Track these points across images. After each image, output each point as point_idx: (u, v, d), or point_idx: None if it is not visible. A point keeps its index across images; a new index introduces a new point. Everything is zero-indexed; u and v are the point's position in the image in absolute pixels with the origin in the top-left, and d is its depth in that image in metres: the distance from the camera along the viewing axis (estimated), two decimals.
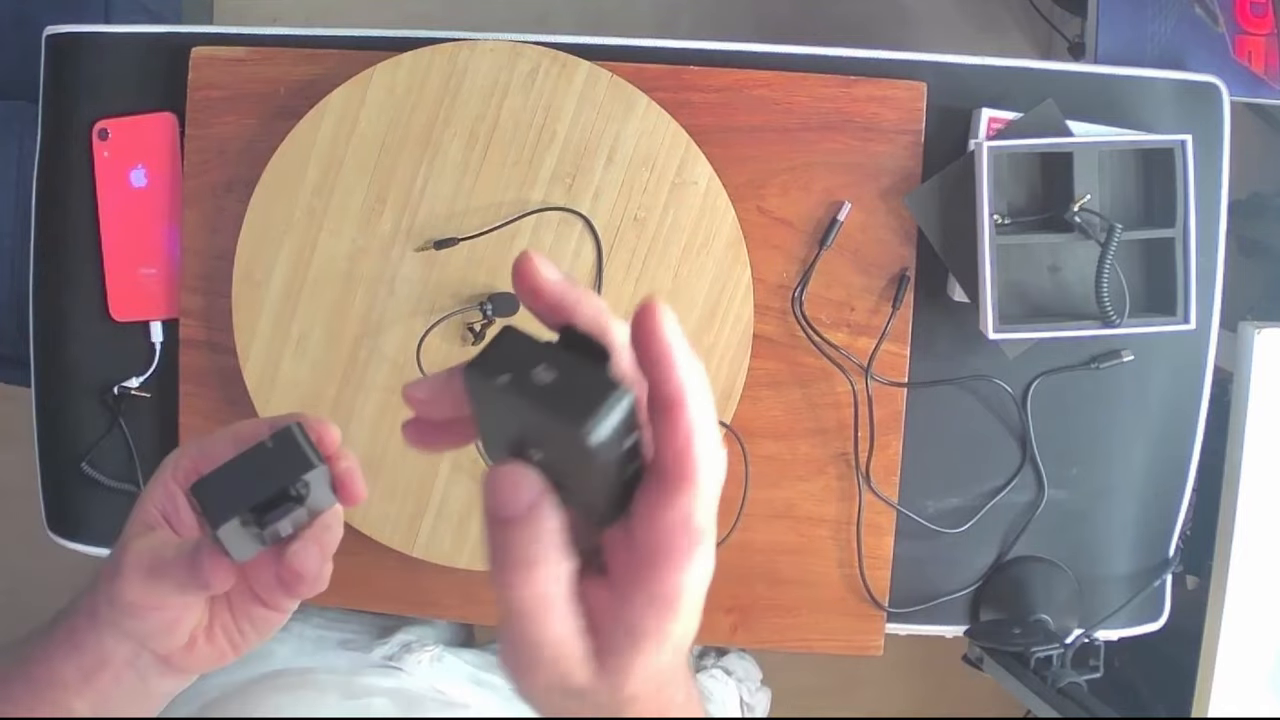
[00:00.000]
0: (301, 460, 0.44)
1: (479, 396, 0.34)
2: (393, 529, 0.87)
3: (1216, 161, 0.87)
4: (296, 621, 0.91)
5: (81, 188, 0.90)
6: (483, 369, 0.32)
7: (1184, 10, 0.98)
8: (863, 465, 0.88)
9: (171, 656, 0.48)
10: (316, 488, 0.45)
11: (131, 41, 0.90)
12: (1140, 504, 0.90)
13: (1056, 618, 0.89)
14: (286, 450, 0.44)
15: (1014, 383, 0.88)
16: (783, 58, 0.87)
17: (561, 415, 0.31)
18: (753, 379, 0.87)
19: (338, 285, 0.87)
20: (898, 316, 0.87)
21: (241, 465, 0.44)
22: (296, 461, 0.44)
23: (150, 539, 0.47)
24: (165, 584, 0.45)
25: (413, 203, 0.86)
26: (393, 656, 0.87)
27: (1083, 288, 0.82)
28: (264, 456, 0.44)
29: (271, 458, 0.44)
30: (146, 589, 0.45)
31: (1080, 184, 0.81)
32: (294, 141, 0.86)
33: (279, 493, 0.43)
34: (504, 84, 0.85)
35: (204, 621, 0.48)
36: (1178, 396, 0.89)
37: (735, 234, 0.86)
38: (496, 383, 0.32)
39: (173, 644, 0.47)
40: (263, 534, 0.44)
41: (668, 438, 0.32)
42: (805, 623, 0.90)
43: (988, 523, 0.90)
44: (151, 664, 0.48)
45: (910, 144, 0.86)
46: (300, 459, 0.44)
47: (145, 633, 0.47)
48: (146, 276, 0.90)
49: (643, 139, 0.85)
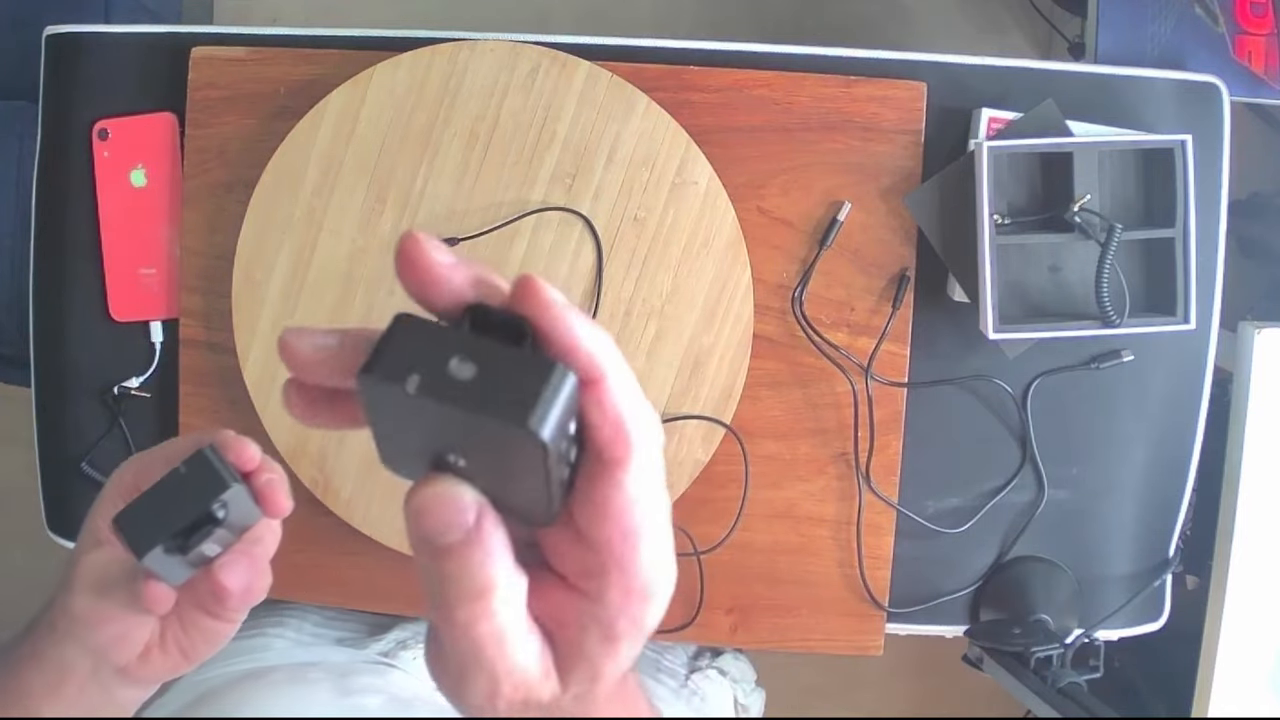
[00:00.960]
0: (216, 482, 0.44)
1: (380, 404, 0.28)
2: (392, 529, 0.87)
3: (1216, 161, 0.87)
4: (294, 618, 0.91)
5: (81, 188, 0.90)
6: (383, 372, 0.27)
7: (1184, 10, 0.98)
8: (863, 465, 0.88)
9: (128, 667, 0.49)
10: (237, 506, 0.45)
11: (131, 41, 0.90)
12: (1140, 504, 0.90)
13: (1056, 618, 0.89)
14: (201, 473, 0.44)
15: (1014, 383, 0.88)
16: (783, 58, 0.87)
17: (499, 415, 0.26)
18: (753, 379, 0.87)
19: (338, 285, 0.87)
20: (898, 316, 0.87)
21: (160, 493, 0.44)
22: (212, 484, 0.44)
23: (99, 555, 0.48)
24: (112, 602, 0.46)
25: (413, 203, 0.86)
26: (388, 653, 0.87)
27: (1083, 288, 0.82)
28: (180, 482, 0.44)
29: (187, 482, 0.44)
30: (95, 605, 0.47)
31: (1080, 184, 0.81)
32: (294, 141, 0.86)
33: (199, 517, 0.44)
34: (504, 84, 0.85)
35: (156, 633, 0.49)
36: (1178, 396, 0.89)
37: (735, 234, 0.86)
38: (405, 387, 0.26)
39: (127, 655, 0.48)
40: (188, 558, 0.45)
41: (597, 418, 0.29)
42: (805, 623, 0.90)
43: (988, 523, 0.90)
44: (112, 675, 0.49)
45: (910, 144, 0.86)
46: (215, 481, 0.44)
47: (99, 645, 0.48)
48: (146, 276, 0.90)
49: (643, 139, 0.85)
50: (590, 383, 0.28)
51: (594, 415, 0.29)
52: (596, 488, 0.30)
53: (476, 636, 0.30)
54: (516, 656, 0.31)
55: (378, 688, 0.79)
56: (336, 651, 0.87)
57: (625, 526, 0.30)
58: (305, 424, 0.32)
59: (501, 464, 0.28)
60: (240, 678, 0.78)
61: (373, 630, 0.92)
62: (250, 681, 0.78)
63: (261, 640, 0.88)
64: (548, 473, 0.28)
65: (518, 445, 0.27)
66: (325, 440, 0.87)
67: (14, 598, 1.52)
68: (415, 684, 0.82)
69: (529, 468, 0.28)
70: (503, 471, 0.29)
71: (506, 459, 0.28)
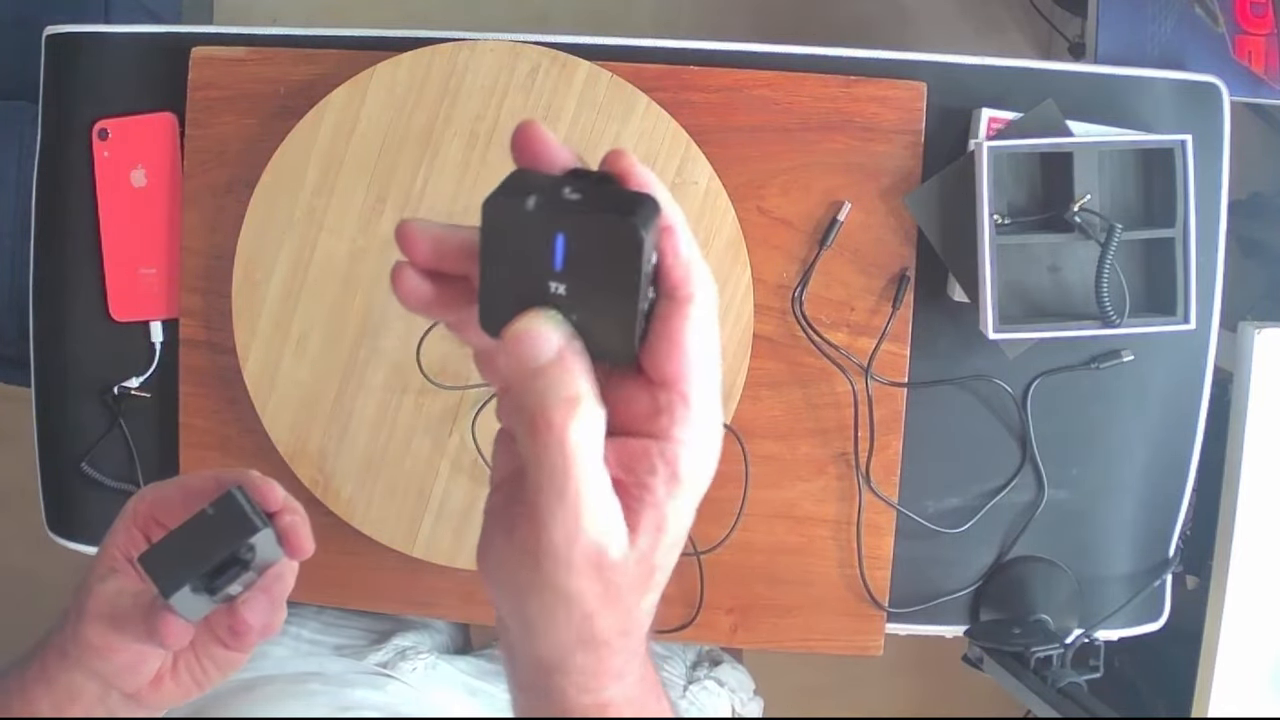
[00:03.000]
0: (245, 525, 0.44)
1: (498, 229, 0.33)
2: (392, 529, 0.87)
3: (1216, 161, 0.87)
4: (293, 624, 0.91)
5: (81, 188, 0.90)
6: (506, 193, 0.32)
7: (1184, 10, 0.98)
8: (863, 465, 0.88)
9: (139, 694, 0.49)
10: (263, 547, 0.46)
11: (131, 41, 0.90)
12: (1140, 504, 0.90)
13: (1056, 618, 0.89)
14: (230, 516, 0.44)
15: (1014, 383, 0.88)
16: (783, 58, 0.87)
17: (606, 213, 0.31)
18: (753, 379, 0.87)
19: (338, 285, 0.87)
20: (898, 316, 0.87)
21: (187, 533, 0.44)
22: (240, 527, 0.44)
23: (112, 584, 0.49)
24: (125, 635, 0.47)
25: (413, 203, 0.86)
26: (387, 663, 0.86)
27: (1083, 288, 0.82)
28: (208, 524, 0.44)
29: (216, 524, 0.44)
30: (106, 635, 0.47)
31: (1080, 184, 0.81)
32: (294, 141, 0.86)
33: (227, 559, 0.44)
34: (504, 84, 0.85)
35: (169, 661, 0.50)
36: (1178, 396, 0.89)
37: (735, 234, 0.86)
38: (525, 204, 0.31)
39: (138, 683, 0.49)
40: (213, 598, 0.45)
41: (671, 259, 0.34)
42: (805, 623, 0.90)
43: (988, 523, 0.90)
44: (120, 700, 0.49)
45: (910, 144, 0.86)
46: (244, 524, 0.44)
47: (110, 672, 0.48)
48: (146, 276, 0.90)
49: (643, 139, 0.85)
50: (666, 229, 0.34)
51: (669, 257, 0.34)
52: (668, 323, 0.34)
53: (570, 447, 0.32)
54: (601, 481, 0.33)
55: (375, 704, 0.79)
56: (335, 661, 0.87)
57: (692, 356, 0.34)
58: (408, 305, 0.36)
59: (599, 282, 0.32)
60: (236, 689, 0.78)
61: (372, 639, 0.91)
62: (244, 694, 0.77)
63: (259, 649, 0.87)
64: (638, 286, 0.32)
65: (620, 244, 0.31)
66: (325, 440, 0.87)
67: (14, 598, 1.53)
68: (413, 701, 0.82)
69: (624, 281, 0.32)
70: (598, 293, 0.33)
71: (606, 272, 0.32)
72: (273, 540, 0.46)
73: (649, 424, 0.34)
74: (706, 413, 0.35)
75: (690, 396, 0.34)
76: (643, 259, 0.32)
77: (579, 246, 0.32)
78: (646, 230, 0.31)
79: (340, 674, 0.83)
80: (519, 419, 0.33)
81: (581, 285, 0.33)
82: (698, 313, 0.34)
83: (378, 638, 0.91)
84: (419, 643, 0.90)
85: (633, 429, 0.35)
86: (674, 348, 0.34)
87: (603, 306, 0.33)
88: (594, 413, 0.33)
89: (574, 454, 0.32)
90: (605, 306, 0.33)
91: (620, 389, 0.35)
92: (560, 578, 0.33)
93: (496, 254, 0.33)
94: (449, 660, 0.88)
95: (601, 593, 0.34)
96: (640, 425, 0.35)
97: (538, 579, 0.33)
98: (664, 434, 0.34)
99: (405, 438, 0.87)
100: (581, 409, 0.32)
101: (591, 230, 0.32)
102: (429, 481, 0.87)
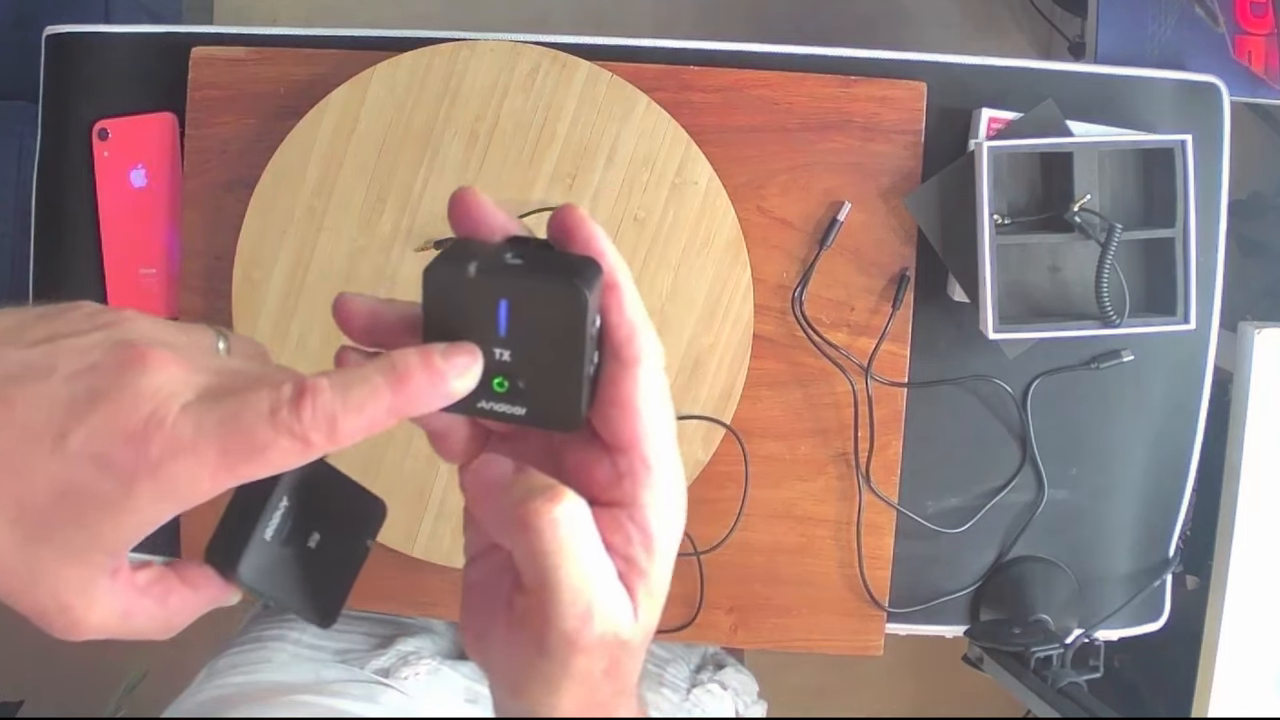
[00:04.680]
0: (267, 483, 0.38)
1: (441, 297, 0.32)
2: (392, 529, 0.87)
3: (1216, 161, 0.87)
4: (293, 630, 0.90)
5: (81, 188, 0.90)
6: (447, 260, 0.32)
7: (1184, 10, 0.98)
8: (863, 465, 0.88)
9: None
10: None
11: (131, 41, 0.90)
12: (1140, 504, 0.90)
13: (1056, 618, 0.89)
14: None
15: (1014, 383, 0.88)
16: (783, 58, 0.87)
17: (548, 280, 0.31)
18: (753, 379, 0.87)
19: (338, 285, 0.87)
20: (898, 316, 0.87)
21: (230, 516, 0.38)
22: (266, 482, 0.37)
23: None
24: None
25: (413, 202, 0.86)
26: (389, 669, 0.85)
27: (1083, 288, 0.82)
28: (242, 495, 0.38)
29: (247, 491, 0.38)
30: None
31: (1080, 184, 0.81)
32: (294, 141, 0.86)
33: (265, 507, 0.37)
34: (504, 84, 0.85)
35: None
36: (1178, 396, 0.89)
37: (735, 234, 0.86)
38: (467, 271, 0.31)
39: None
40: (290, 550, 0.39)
41: (616, 318, 0.34)
42: (805, 623, 0.90)
43: (988, 523, 0.90)
44: None
45: (910, 144, 0.86)
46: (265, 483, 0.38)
47: None
48: (146, 276, 0.90)
49: (643, 139, 0.85)
50: (611, 286, 0.33)
51: (614, 315, 0.33)
52: (618, 386, 0.34)
53: (563, 539, 0.32)
54: (607, 582, 0.33)
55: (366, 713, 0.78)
56: (336, 669, 0.86)
57: (647, 418, 0.34)
58: None
59: (543, 348, 0.32)
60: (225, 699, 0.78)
61: (374, 643, 0.90)
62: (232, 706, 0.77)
63: (262, 653, 0.87)
64: (582, 351, 0.32)
65: (563, 309, 0.31)
66: None
67: None
68: (410, 706, 0.82)
69: (568, 346, 0.32)
70: (543, 359, 0.32)
71: (549, 337, 0.32)
72: None
73: (613, 491, 0.34)
74: (668, 472, 0.35)
75: (650, 459, 0.34)
76: (586, 323, 0.32)
77: (522, 312, 0.32)
78: (589, 294, 0.31)
79: (331, 683, 0.83)
80: (497, 518, 0.33)
81: (526, 351, 0.33)
82: (646, 374, 0.34)
83: (380, 642, 0.90)
84: (421, 648, 0.90)
85: (597, 497, 0.35)
86: (627, 411, 0.34)
87: (548, 372, 0.33)
88: (574, 497, 0.33)
89: (568, 544, 0.32)
90: (551, 372, 0.33)
91: (577, 454, 0.35)
92: (574, 663, 0.33)
93: (440, 323, 0.33)
94: (452, 665, 0.88)
95: (607, 667, 0.34)
96: (604, 493, 0.35)
97: (545, 665, 0.34)
98: (630, 500, 0.34)
99: (405, 438, 0.87)
100: (564, 497, 0.32)
101: (534, 295, 0.32)
102: (429, 482, 0.87)
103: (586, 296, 0.31)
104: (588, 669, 0.34)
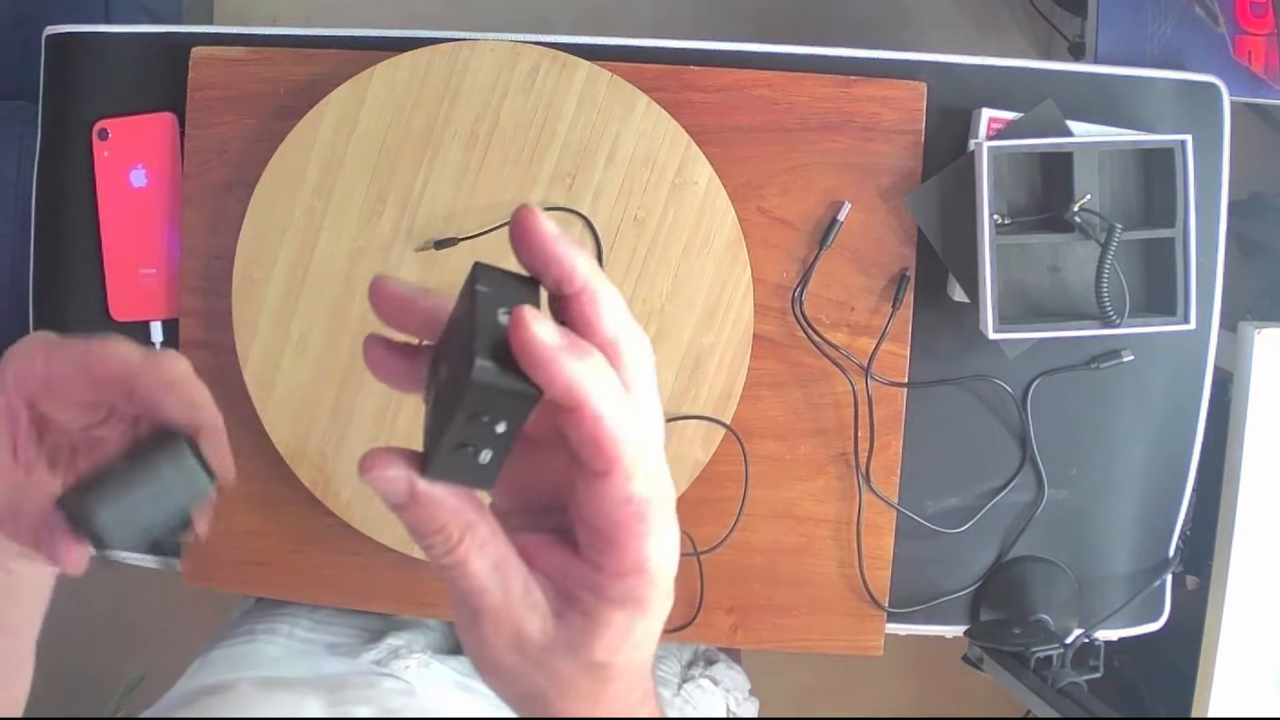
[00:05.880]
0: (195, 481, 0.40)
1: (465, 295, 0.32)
2: (392, 529, 0.87)
3: (1216, 161, 0.87)
4: (285, 623, 0.90)
5: (81, 188, 0.90)
6: (488, 273, 0.32)
7: (1184, 10, 0.98)
8: (863, 465, 0.88)
9: None
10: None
11: (131, 41, 0.90)
12: (1140, 504, 0.90)
13: (1056, 618, 0.89)
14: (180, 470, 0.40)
15: (1014, 383, 0.88)
16: (783, 58, 0.87)
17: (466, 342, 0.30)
18: (753, 379, 0.87)
19: (338, 285, 0.87)
20: (898, 316, 0.87)
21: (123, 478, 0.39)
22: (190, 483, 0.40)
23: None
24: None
25: (413, 203, 0.86)
26: (381, 662, 0.86)
27: (1083, 288, 0.82)
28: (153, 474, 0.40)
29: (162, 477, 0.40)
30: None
31: (1080, 184, 0.81)
32: (294, 141, 0.86)
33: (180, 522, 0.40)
34: (504, 84, 0.85)
35: None
36: (1178, 396, 0.89)
37: (735, 234, 0.86)
38: (478, 288, 0.31)
39: None
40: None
41: (575, 438, 0.31)
42: (805, 623, 0.90)
43: (988, 523, 0.90)
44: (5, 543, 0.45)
45: (910, 144, 0.86)
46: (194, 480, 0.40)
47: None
48: (146, 276, 0.90)
49: (643, 139, 0.85)
50: (569, 409, 0.30)
51: (572, 435, 0.31)
52: (584, 489, 0.32)
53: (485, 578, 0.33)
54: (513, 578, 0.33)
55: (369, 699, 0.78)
56: (329, 662, 0.87)
57: (615, 520, 0.32)
58: (376, 375, 0.35)
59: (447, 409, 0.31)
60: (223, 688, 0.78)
61: (365, 637, 0.91)
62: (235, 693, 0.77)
63: (253, 647, 0.87)
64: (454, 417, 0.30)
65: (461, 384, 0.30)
66: (325, 440, 0.87)
67: None
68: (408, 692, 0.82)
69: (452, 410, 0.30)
70: (447, 406, 0.31)
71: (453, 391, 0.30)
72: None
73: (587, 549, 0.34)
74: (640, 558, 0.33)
75: (617, 546, 0.32)
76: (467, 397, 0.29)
77: (449, 352, 0.32)
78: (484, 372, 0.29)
79: (333, 675, 0.83)
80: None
81: (439, 406, 0.32)
82: (617, 482, 0.31)
83: (371, 636, 0.91)
84: (412, 641, 0.90)
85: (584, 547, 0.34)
86: (594, 510, 0.32)
87: (436, 424, 0.31)
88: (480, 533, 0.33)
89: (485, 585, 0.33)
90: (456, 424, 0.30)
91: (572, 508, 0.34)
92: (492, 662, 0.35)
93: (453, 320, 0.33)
94: (442, 659, 0.88)
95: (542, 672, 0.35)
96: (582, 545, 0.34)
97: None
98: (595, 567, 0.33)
99: (405, 438, 0.87)
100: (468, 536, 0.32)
101: (450, 355, 0.31)
102: None
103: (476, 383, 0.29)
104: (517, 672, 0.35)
